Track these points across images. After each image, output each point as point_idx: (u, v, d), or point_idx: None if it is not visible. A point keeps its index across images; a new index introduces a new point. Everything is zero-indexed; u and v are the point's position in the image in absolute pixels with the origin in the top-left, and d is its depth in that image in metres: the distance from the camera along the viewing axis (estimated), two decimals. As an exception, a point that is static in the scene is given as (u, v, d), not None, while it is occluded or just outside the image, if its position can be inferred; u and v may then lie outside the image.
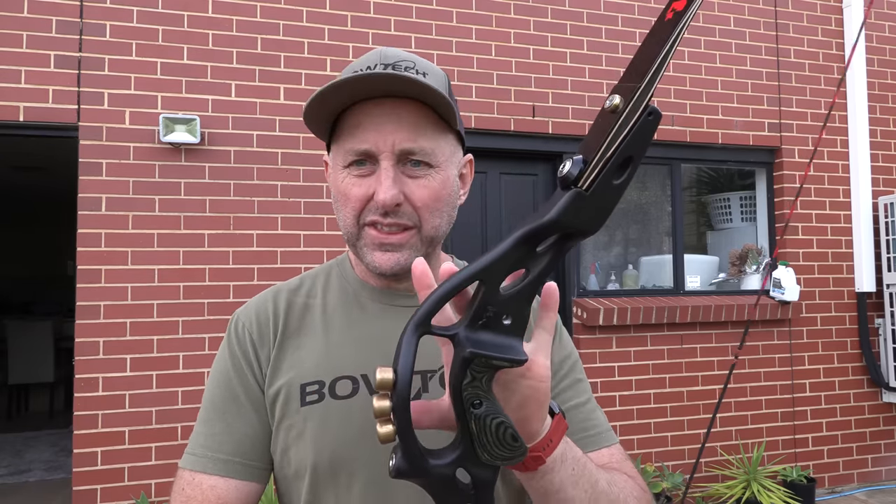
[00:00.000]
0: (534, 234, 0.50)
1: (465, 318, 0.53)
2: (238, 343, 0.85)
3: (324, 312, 0.87)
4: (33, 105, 3.00)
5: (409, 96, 0.76)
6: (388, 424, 0.51)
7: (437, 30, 3.61)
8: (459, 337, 0.52)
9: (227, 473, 0.80)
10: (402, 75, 0.73)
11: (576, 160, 0.48)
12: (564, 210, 0.49)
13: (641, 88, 0.45)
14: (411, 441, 0.52)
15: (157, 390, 3.07)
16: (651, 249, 4.33)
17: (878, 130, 4.39)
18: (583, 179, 0.48)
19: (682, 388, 3.88)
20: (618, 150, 0.47)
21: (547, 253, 0.52)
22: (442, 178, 0.79)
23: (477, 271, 0.51)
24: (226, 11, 3.29)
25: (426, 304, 0.51)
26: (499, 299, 0.52)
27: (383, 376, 0.50)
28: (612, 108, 0.46)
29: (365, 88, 0.75)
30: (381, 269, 0.79)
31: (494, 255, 0.50)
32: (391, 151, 0.76)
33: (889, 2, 4.53)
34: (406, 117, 0.76)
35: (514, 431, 0.54)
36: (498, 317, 0.52)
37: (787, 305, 4.02)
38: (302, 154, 3.36)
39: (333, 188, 0.82)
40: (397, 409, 0.50)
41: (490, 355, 0.51)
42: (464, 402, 0.53)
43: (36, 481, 4.29)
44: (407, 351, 0.50)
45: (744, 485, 3.62)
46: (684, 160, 4.17)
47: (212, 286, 3.18)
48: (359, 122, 0.77)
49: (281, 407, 0.81)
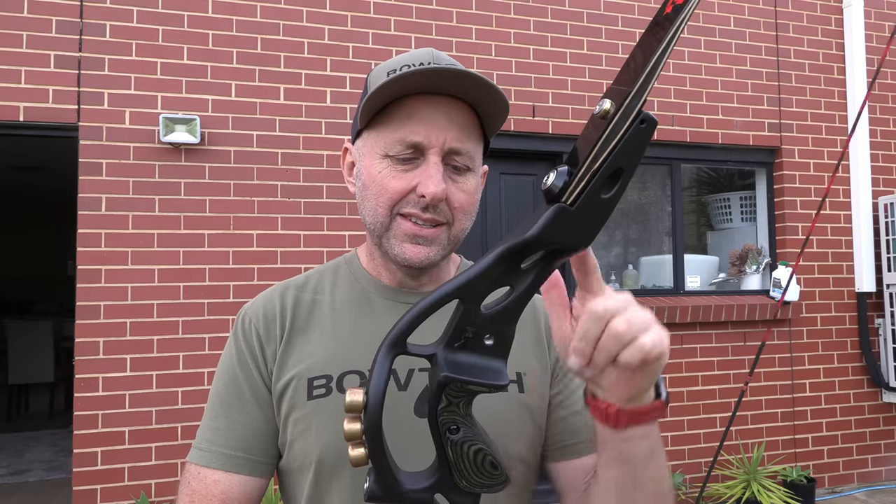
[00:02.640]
0: (515, 250, 0.47)
1: (444, 338, 0.50)
2: (244, 339, 0.86)
3: (332, 308, 0.87)
4: (33, 105, 3.00)
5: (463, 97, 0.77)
6: (361, 447, 0.49)
7: (437, 30, 3.61)
8: (437, 358, 0.49)
9: (230, 468, 0.81)
10: (481, 78, 0.74)
11: (560, 171, 0.45)
12: (546, 226, 0.45)
13: (633, 93, 0.41)
14: (384, 465, 0.50)
15: (157, 390, 3.06)
16: (651, 249, 4.33)
17: (878, 130, 4.39)
18: (567, 193, 0.44)
19: (682, 388, 3.88)
20: (606, 160, 0.42)
21: (532, 270, 0.48)
22: (475, 184, 0.82)
23: (455, 289, 0.48)
24: (226, 11, 3.28)
25: (400, 324, 0.48)
26: (479, 318, 0.49)
27: (353, 398, 0.48)
28: (602, 114, 0.42)
29: (428, 82, 0.75)
30: (411, 261, 0.79)
31: (474, 273, 0.48)
32: (440, 147, 0.77)
33: (889, 2, 4.53)
34: (457, 117, 0.77)
35: (493, 459, 0.52)
36: (479, 337, 0.49)
37: (787, 305, 4.02)
38: (302, 154, 3.36)
39: (366, 176, 0.81)
40: (368, 431, 0.48)
41: (465, 380, 0.48)
42: (440, 427, 0.51)
43: (36, 481, 4.29)
44: (379, 373, 0.48)
45: (744, 485, 3.62)
46: (684, 160, 4.17)
47: (212, 286, 3.18)
48: (411, 113, 0.77)
49: (288, 401, 0.82)
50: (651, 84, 0.41)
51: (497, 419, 0.79)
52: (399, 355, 0.49)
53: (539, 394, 0.85)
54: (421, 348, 0.50)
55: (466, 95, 0.77)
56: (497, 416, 0.79)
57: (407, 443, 0.76)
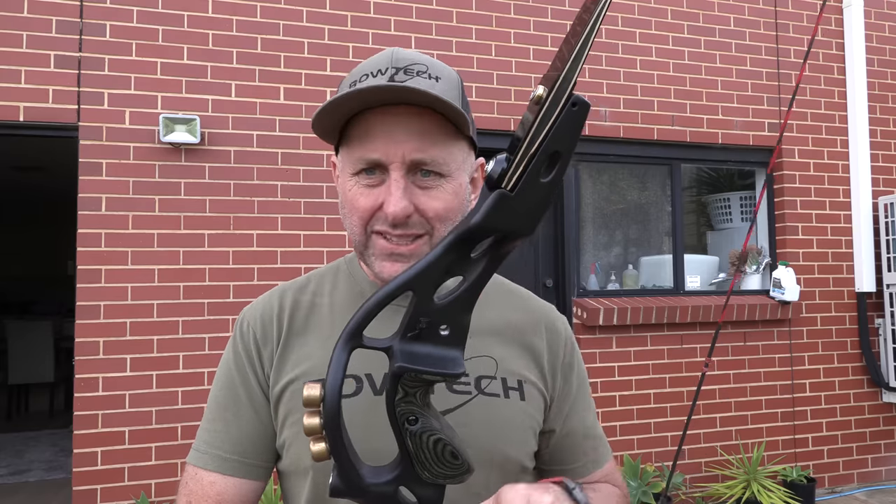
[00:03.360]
0: (462, 239, 0.47)
1: (399, 330, 0.50)
2: (242, 342, 0.86)
3: (331, 311, 0.87)
4: (33, 105, 3.00)
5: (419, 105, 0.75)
6: (321, 442, 0.49)
7: (437, 30, 3.61)
8: (393, 350, 0.49)
9: (225, 471, 0.82)
10: (411, 88, 0.71)
11: (498, 159, 0.46)
12: (488, 213, 0.45)
13: (562, 76, 0.41)
14: (345, 458, 0.50)
15: (157, 390, 3.07)
16: (651, 249, 4.33)
17: (878, 130, 4.39)
18: (507, 179, 0.45)
19: (682, 388, 3.88)
20: (542, 145, 0.43)
21: (482, 258, 0.49)
22: (454, 188, 0.78)
23: (405, 281, 0.48)
24: (226, 11, 3.28)
25: (355, 317, 0.49)
26: (432, 308, 0.49)
27: (310, 393, 0.48)
28: (536, 100, 0.42)
29: (374, 98, 0.74)
30: (389, 280, 0.79)
31: (423, 264, 0.48)
32: (401, 162, 0.74)
33: (889, 2, 4.53)
34: (417, 126, 0.74)
35: (453, 448, 0.51)
36: (434, 327, 0.49)
37: (787, 305, 4.02)
38: (302, 154, 3.36)
39: (341, 194, 0.81)
40: (327, 426, 0.48)
41: (418, 369, 0.49)
42: (398, 418, 0.51)
43: (36, 481, 4.29)
44: (336, 366, 0.48)
45: (744, 485, 3.62)
46: (684, 160, 4.17)
47: (212, 286, 3.18)
48: (367, 130, 0.75)
49: (285, 404, 0.82)
50: (579, 67, 0.41)
51: (501, 426, 0.81)
52: (356, 348, 0.49)
53: (537, 404, 0.86)
54: (377, 341, 0.50)
55: (423, 104, 0.74)
56: (502, 423, 0.80)
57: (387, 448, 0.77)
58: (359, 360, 0.81)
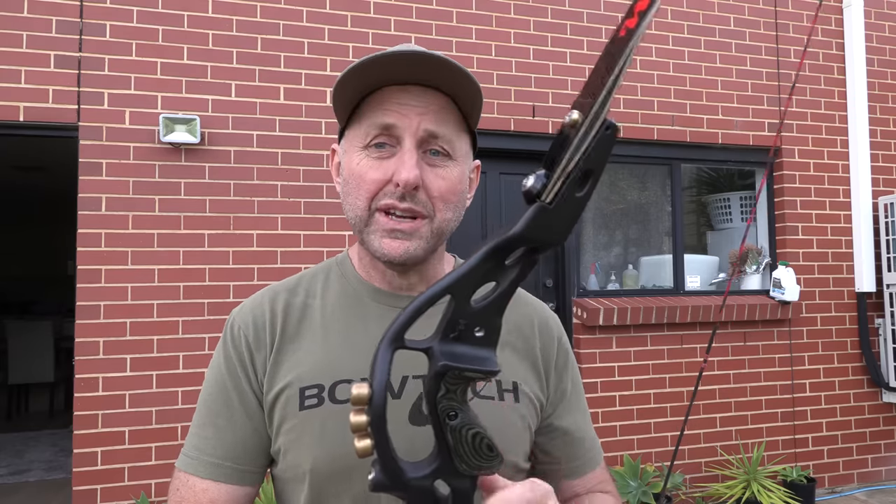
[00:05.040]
0: (500, 247, 0.51)
1: (438, 332, 0.53)
2: (234, 347, 0.84)
3: (323, 314, 0.85)
4: (33, 105, 3.00)
5: (436, 86, 0.77)
6: (366, 439, 0.52)
7: (437, 30, 3.61)
8: (433, 350, 0.53)
9: (217, 477, 0.81)
10: (441, 57, 0.73)
11: (538, 175, 0.50)
12: (529, 224, 0.50)
13: (598, 104, 0.46)
14: (389, 455, 0.53)
15: (157, 390, 3.07)
16: (651, 249, 4.33)
17: (878, 130, 4.40)
18: (546, 193, 0.49)
19: (682, 388, 3.88)
20: (578, 163, 0.48)
21: (515, 265, 0.53)
22: (458, 173, 0.80)
23: (447, 286, 0.52)
24: (226, 11, 3.29)
25: (399, 319, 0.52)
26: (469, 312, 0.53)
27: (359, 391, 0.51)
28: (572, 124, 0.47)
29: (399, 67, 0.75)
30: (390, 255, 0.78)
31: (463, 270, 0.52)
32: (415, 131, 0.76)
33: (889, 2, 4.53)
34: (432, 102, 0.77)
35: (489, 441, 0.55)
36: (470, 329, 0.53)
37: (787, 305, 4.02)
38: (302, 154, 3.36)
39: (346, 170, 0.81)
40: (374, 423, 0.51)
41: (462, 367, 0.52)
42: (439, 414, 0.54)
43: (36, 481, 4.29)
44: (382, 366, 0.51)
45: (744, 485, 3.62)
46: (684, 160, 4.17)
47: (212, 286, 3.18)
48: (383, 100, 0.77)
49: (280, 410, 0.80)
50: (612, 95, 0.46)
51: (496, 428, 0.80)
52: (398, 350, 0.53)
53: (532, 404, 0.86)
54: (417, 343, 0.54)
55: (440, 84, 0.76)
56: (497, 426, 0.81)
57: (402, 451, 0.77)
58: (354, 365, 0.80)
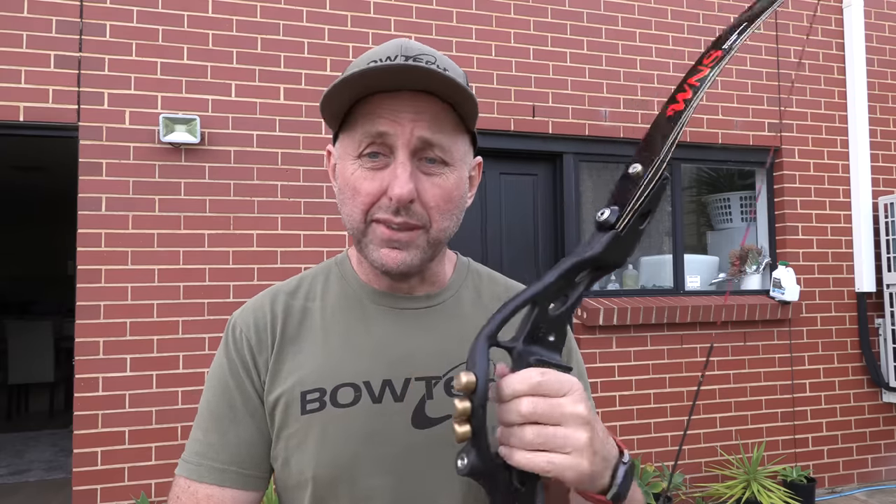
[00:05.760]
0: (577, 266, 0.60)
1: (521, 335, 0.60)
2: (235, 349, 0.83)
3: (323, 316, 0.84)
4: (33, 105, 3.00)
5: (430, 91, 0.74)
6: (466, 424, 0.55)
7: (437, 30, 3.61)
8: (517, 350, 0.60)
9: (222, 483, 0.79)
10: (429, 68, 0.70)
11: (613, 209, 0.61)
12: (606, 247, 0.60)
13: (660, 161, 0.60)
14: (486, 442, 0.57)
15: (157, 390, 3.07)
16: (651, 249, 4.33)
17: (878, 130, 4.40)
18: (619, 224, 0.60)
19: (681, 388, 3.88)
20: (642, 205, 0.60)
21: (582, 282, 0.62)
22: (455, 179, 0.78)
23: (533, 295, 0.59)
24: (226, 11, 3.28)
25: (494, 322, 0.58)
26: (548, 319, 0.60)
27: (469, 379, 0.55)
28: (636, 174, 0.60)
29: (387, 79, 0.72)
30: (388, 266, 0.77)
31: (548, 282, 0.59)
32: (409, 140, 0.73)
33: (889, 2, 4.53)
34: (426, 109, 0.74)
35: None
36: (546, 334, 0.61)
37: (787, 305, 4.02)
38: (302, 154, 3.36)
39: (341, 180, 0.79)
40: (477, 410, 0.55)
41: (551, 361, 0.60)
42: None
43: (36, 481, 4.29)
44: (482, 357, 0.57)
45: (744, 485, 3.62)
46: (684, 160, 4.18)
47: (212, 286, 3.18)
48: (375, 108, 0.74)
49: (281, 414, 0.79)
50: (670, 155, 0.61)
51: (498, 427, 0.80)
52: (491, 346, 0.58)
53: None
54: (506, 342, 0.60)
55: (431, 89, 0.74)
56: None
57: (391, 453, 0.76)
58: (356, 368, 0.80)
